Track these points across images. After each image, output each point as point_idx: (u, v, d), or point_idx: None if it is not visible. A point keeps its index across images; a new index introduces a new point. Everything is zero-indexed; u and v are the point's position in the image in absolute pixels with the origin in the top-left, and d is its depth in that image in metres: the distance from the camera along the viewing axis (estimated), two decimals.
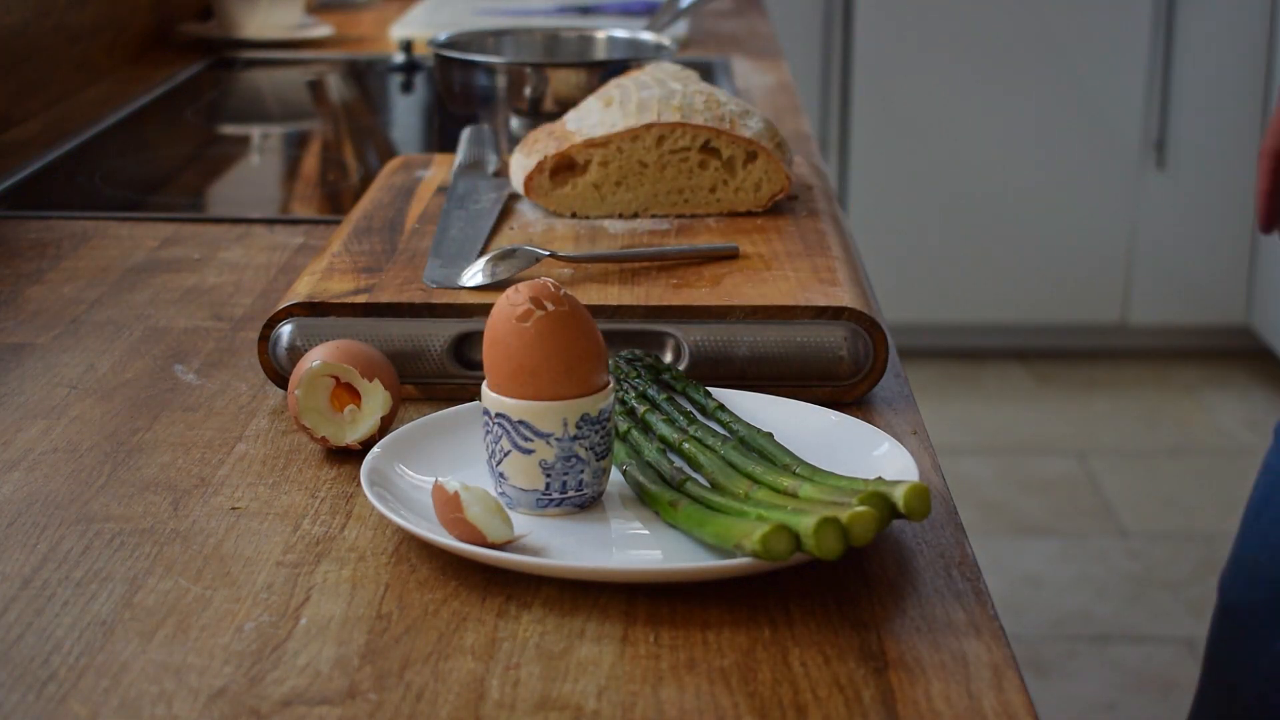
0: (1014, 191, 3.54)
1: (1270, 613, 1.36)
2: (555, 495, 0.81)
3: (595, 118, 1.16)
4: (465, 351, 0.96)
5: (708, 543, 0.76)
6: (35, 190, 1.49)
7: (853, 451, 0.85)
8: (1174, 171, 3.50)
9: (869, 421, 0.91)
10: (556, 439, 0.80)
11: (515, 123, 1.49)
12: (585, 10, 2.35)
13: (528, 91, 1.47)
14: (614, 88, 1.20)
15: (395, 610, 0.73)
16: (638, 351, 0.94)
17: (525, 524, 0.80)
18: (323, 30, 2.29)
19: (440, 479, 0.77)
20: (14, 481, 0.86)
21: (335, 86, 2.07)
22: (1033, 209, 3.55)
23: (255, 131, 1.83)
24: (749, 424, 0.86)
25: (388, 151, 1.71)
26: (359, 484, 0.84)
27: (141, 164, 1.63)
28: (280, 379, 0.97)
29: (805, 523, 0.71)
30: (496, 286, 0.99)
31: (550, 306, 0.79)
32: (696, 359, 0.95)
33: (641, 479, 0.81)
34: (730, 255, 1.04)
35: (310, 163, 1.68)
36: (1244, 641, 1.39)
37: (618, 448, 0.84)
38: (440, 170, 1.26)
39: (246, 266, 1.23)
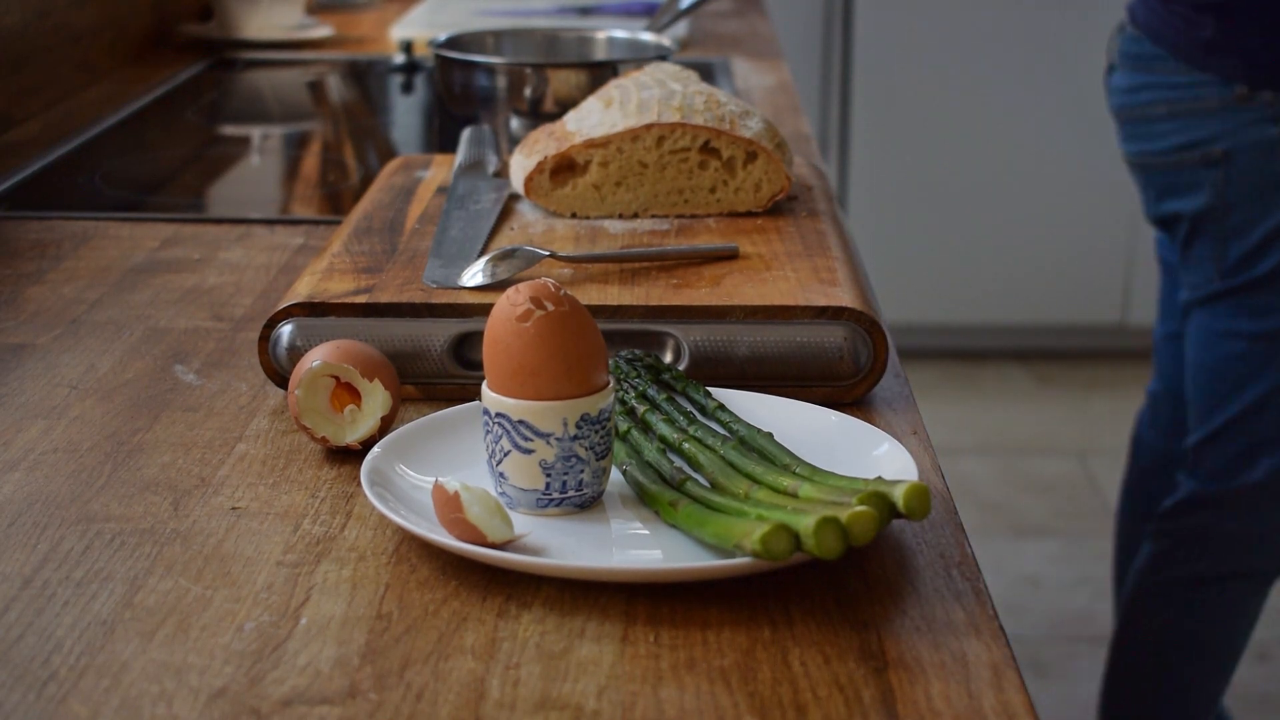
0: (1014, 192, 3.54)
1: None
2: (555, 495, 0.81)
3: (595, 118, 1.16)
4: (465, 351, 0.97)
5: (708, 543, 0.76)
6: (36, 190, 1.49)
7: (853, 451, 0.85)
8: None
9: (869, 421, 0.91)
10: (556, 439, 0.80)
11: (515, 123, 1.49)
12: (585, 11, 2.35)
13: (528, 92, 1.47)
14: (614, 88, 1.20)
15: (395, 610, 0.73)
16: (638, 351, 0.94)
17: (525, 524, 0.80)
18: (323, 31, 2.29)
19: (440, 479, 0.77)
20: (14, 481, 0.86)
21: (335, 87, 2.07)
22: (1033, 209, 3.55)
23: (255, 132, 1.83)
24: (749, 424, 0.86)
25: (388, 152, 1.71)
26: (359, 484, 0.84)
27: (142, 164, 1.63)
28: (280, 379, 0.97)
29: (805, 523, 0.71)
30: (496, 286, 0.99)
31: (550, 306, 0.79)
32: (696, 359, 0.95)
33: (641, 479, 0.81)
34: (730, 255, 1.04)
35: (310, 163, 1.68)
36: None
37: (618, 448, 0.84)
38: (440, 170, 1.27)
39: (247, 267, 1.23)
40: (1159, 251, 1.98)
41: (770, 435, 0.84)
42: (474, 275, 0.99)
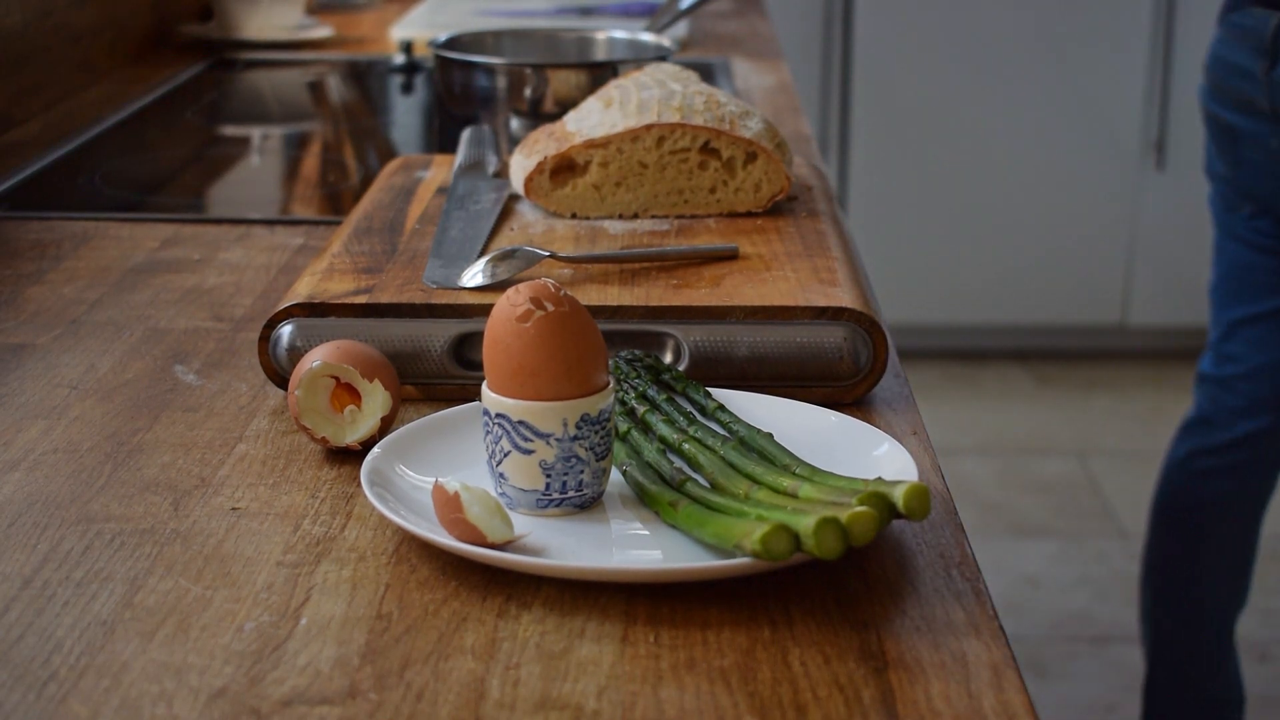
0: (1014, 191, 3.54)
1: None
2: (555, 495, 0.81)
3: (595, 118, 1.16)
4: (465, 352, 0.97)
5: (708, 543, 0.76)
6: (36, 191, 1.49)
7: (852, 451, 0.85)
8: (1174, 171, 3.50)
9: (869, 421, 0.91)
10: (556, 439, 0.80)
11: (515, 123, 1.49)
12: (585, 11, 2.35)
13: (528, 92, 1.47)
14: (614, 88, 1.20)
15: (395, 610, 0.73)
16: (638, 352, 0.94)
17: (525, 524, 0.80)
18: (323, 31, 2.29)
19: (440, 479, 0.77)
20: (14, 482, 0.86)
21: (335, 87, 2.07)
22: (1033, 209, 3.55)
23: (255, 132, 1.83)
24: (749, 424, 0.86)
25: (388, 152, 1.71)
26: (359, 484, 0.84)
27: (142, 164, 1.63)
28: (280, 379, 0.97)
29: (805, 523, 0.71)
30: (496, 287, 0.99)
31: (550, 307, 0.79)
32: (696, 359, 0.95)
33: (641, 479, 0.81)
34: (730, 256, 1.04)
35: (310, 164, 1.68)
36: None
37: (618, 448, 0.84)
38: (440, 171, 1.27)
39: (247, 267, 1.23)
40: (1259, 239, 1.94)
41: (770, 435, 0.84)
42: (474, 275, 0.99)
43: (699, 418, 0.88)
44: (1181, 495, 2.05)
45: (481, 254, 1.05)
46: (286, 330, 0.97)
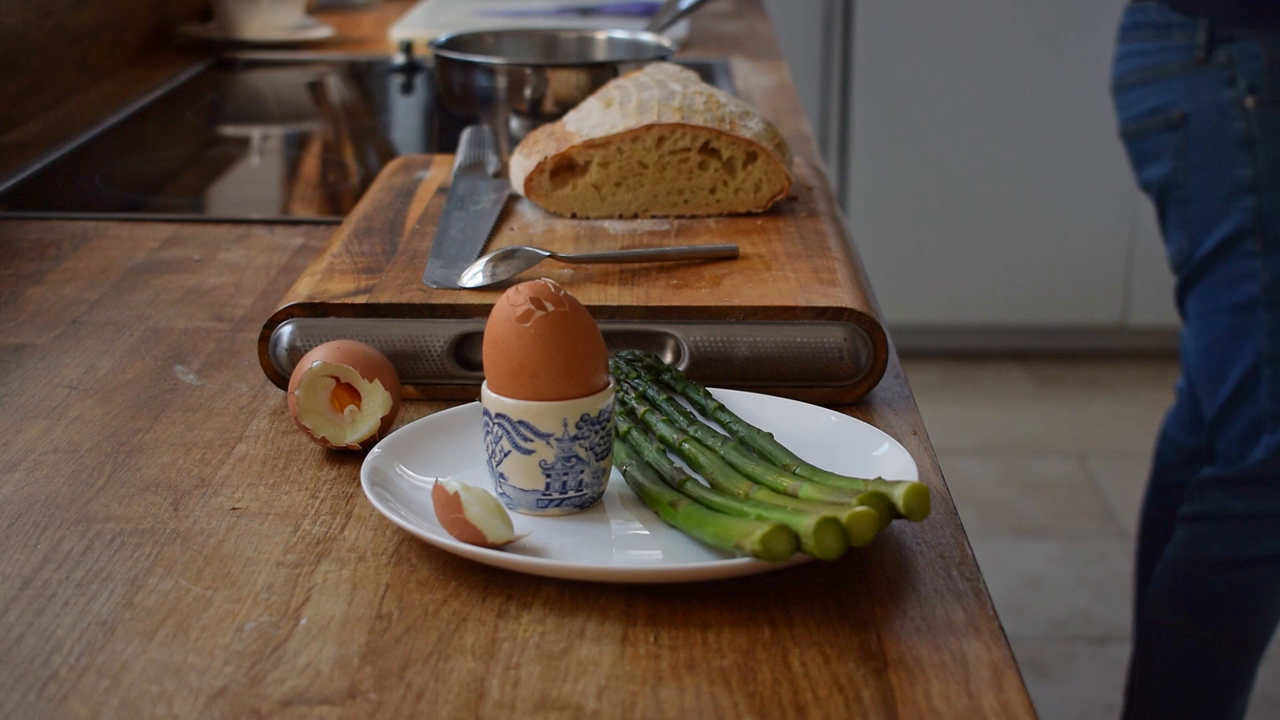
0: (1014, 192, 3.54)
1: None
2: (555, 495, 0.81)
3: (595, 118, 1.16)
4: (465, 352, 0.97)
5: (708, 543, 0.76)
6: (36, 191, 1.49)
7: (852, 451, 0.85)
8: None
9: (869, 422, 0.91)
10: (556, 439, 0.80)
11: (515, 123, 1.49)
12: (585, 11, 2.35)
13: (528, 92, 1.47)
14: (614, 88, 1.20)
15: (395, 610, 0.73)
16: (638, 352, 0.94)
17: (525, 524, 0.80)
18: (323, 31, 2.29)
19: (440, 479, 0.77)
20: (15, 482, 0.86)
21: (335, 87, 2.07)
22: (1033, 209, 3.55)
23: (255, 132, 1.83)
24: (749, 424, 0.86)
25: (388, 152, 1.71)
26: (359, 484, 0.84)
27: (142, 165, 1.63)
28: (280, 379, 0.97)
29: (805, 523, 0.71)
30: (496, 287, 0.99)
31: (550, 307, 0.79)
32: (696, 359, 0.95)
33: (641, 479, 0.81)
34: (730, 256, 1.04)
35: (310, 164, 1.68)
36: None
37: (618, 448, 0.85)
38: (440, 171, 1.27)
39: (247, 267, 1.23)
40: None
41: (770, 436, 0.84)
42: (474, 276, 1.00)
43: (699, 418, 0.88)
44: (1168, 495, 2.05)
45: (481, 254, 1.05)
46: (286, 330, 0.97)
